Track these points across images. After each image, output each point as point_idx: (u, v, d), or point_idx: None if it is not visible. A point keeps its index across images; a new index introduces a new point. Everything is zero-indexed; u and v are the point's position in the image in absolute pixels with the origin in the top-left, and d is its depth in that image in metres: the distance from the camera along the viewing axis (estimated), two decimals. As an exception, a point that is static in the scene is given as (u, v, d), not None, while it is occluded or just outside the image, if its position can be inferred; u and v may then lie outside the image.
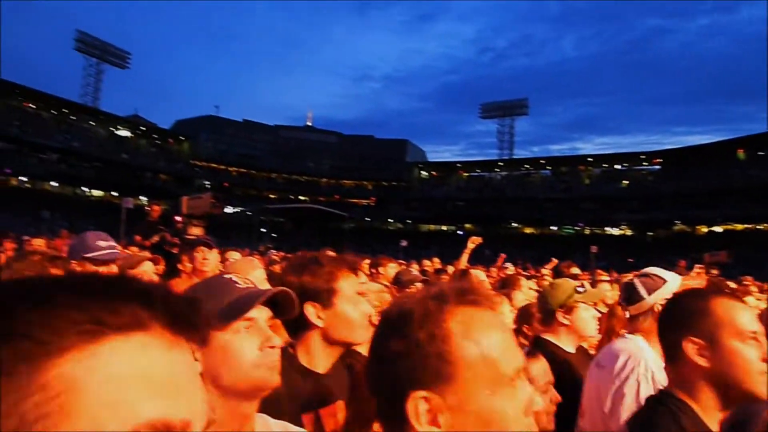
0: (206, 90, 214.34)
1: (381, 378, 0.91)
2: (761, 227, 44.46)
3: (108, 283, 0.43)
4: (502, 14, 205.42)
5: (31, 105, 51.51)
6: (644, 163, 57.44)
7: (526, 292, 4.52)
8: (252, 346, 1.24)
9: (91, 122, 56.40)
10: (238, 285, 1.32)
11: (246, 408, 1.24)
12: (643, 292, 2.34)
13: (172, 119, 77.25)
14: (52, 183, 50.49)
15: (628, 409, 2.03)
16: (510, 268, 10.92)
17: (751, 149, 48.04)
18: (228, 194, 57.84)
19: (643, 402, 1.69)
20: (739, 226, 46.54)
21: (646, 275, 2.41)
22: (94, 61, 58.46)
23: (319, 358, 1.71)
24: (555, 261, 8.44)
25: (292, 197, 64.18)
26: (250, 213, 55.81)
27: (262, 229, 50.86)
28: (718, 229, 47.77)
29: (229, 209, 55.91)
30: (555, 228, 57.64)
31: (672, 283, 2.32)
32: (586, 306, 2.76)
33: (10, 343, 0.36)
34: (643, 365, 2.10)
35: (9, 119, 47.47)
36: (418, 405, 0.84)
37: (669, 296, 1.93)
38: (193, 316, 0.46)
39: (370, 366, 0.94)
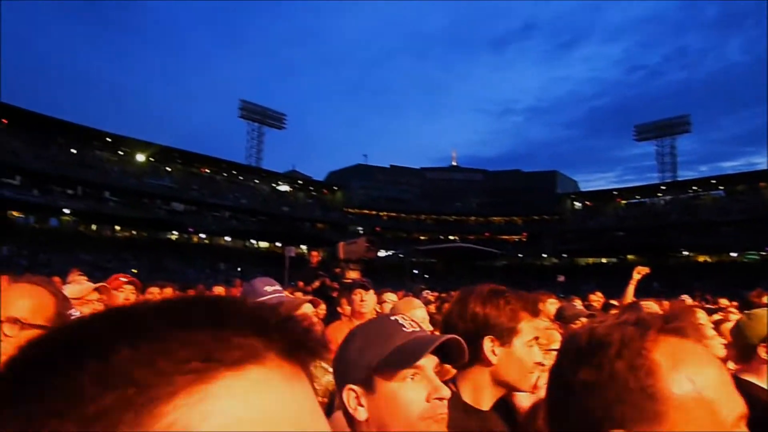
0: (355, 140, 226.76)
1: (567, 411, 0.80)
2: None
3: (214, 309, 0.36)
4: (651, 29, 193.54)
5: (206, 170, 57.74)
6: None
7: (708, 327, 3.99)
8: (420, 396, 1.19)
9: (255, 180, 61.73)
10: (404, 329, 1.27)
11: None
12: None
13: (326, 171, 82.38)
14: (226, 238, 55.73)
15: None
16: (687, 300, 9.79)
17: None
18: (380, 238, 59.65)
19: None
20: None
21: None
22: (256, 125, 64.31)
23: (484, 397, 1.64)
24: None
25: (442, 237, 64.64)
26: (402, 255, 56.99)
27: (414, 271, 51.48)
28: None
29: (381, 252, 57.59)
30: (735, 254, 51.66)
31: None
32: None
33: (112, 391, 0.30)
34: None
35: (190, 184, 53.65)
36: None
37: None
38: (312, 342, 0.40)
39: (553, 396, 0.84)
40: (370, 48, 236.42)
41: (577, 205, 66.37)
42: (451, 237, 64.73)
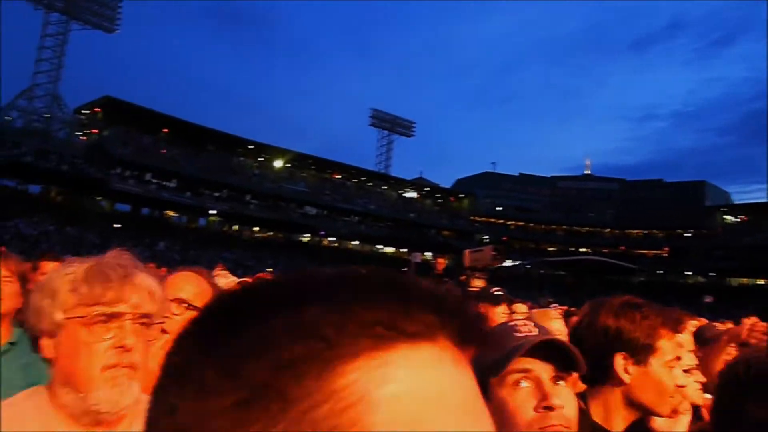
0: (483, 148, 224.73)
1: None
2: None
3: (396, 281, 0.37)
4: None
5: (338, 176, 60.34)
6: None
7: None
8: (527, 404, 1.11)
9: (383, 187, 63.41)
10: (517, 333, 1.20)
11: None
12: None
13: (453, 178, 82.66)
14: (354, 242, 57.77)
15: None
16: None
17: None
18: (506, 247, 58.52)
19: None
20: None
21: None
22: (386, 133, 66.03)
23: (616, 418, 1.50)
24: None
25: (572, 249, 61.96)
26: (529, 266, 55.44)
27: (543, 283, 49.82)
28: None
29: (507, 262, 56.41)
30: None
31: None
32: None
33: (302, 343, 0.32)
34: None
35: (322, 189, 56.43)
36: None
37: None
38: (482, 330, 0.40)
39: (719, 426, 0.79)
40: (501, 54, 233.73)
41: (730, 218, 60.37)
42: (582, 249, 61.88)
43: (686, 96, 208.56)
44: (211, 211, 47.67)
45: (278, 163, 54.96)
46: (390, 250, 60.28)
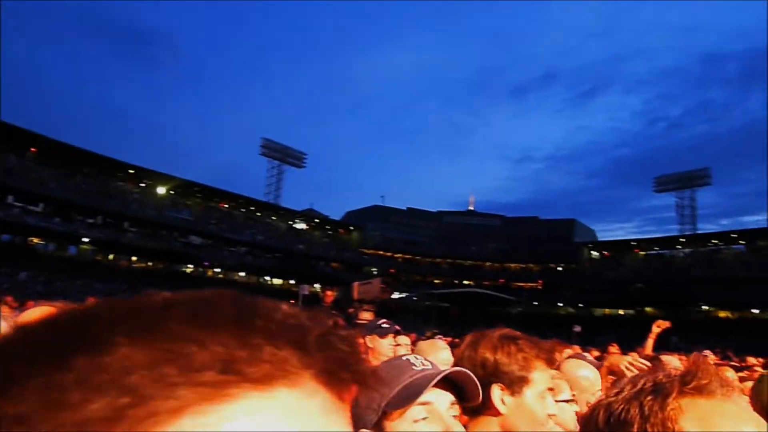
0: (373, 181, 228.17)
1: None
2: None
3: (245, 307, 0.29)
4: (674, 82, 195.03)
5: (225, 205, 58.62)
6: None
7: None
8: None
9: (273, 217, 62.44)
10: (414, 367, 1.19)
11: None
12: None
13: (343, 210, 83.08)
14: (240, 273, 56.04)
15: None
16: (710, 357, 9.63)
17: None
18: (394, 280, 59.56)
19: None
20: None
21: None
22: (276, 163, 65.45)
23: None
24: None
25: (457, 282, 64.29)
26: (415, 298, 56.66)
27: (429, 314, 51.11)
28: None
29: (395, 294, 57.36)
30: (757, 311, 50.53)
31: None
32: None
33: (100, 399, 0.23)
34: None
35: (208, 218, 54.44)
36: None
37: None
38: (359, 366, 0.32)
39: None
40: (394, 91, 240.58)
41: (595, 254, 65.88)
42: (466, 282, 64.37)
43: (559, 141, 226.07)
44: (83, 239, 44.25)
45: (161, 190, 52.38)
46: (278, 281, 59.12)
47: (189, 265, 52.86)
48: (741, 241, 56.53)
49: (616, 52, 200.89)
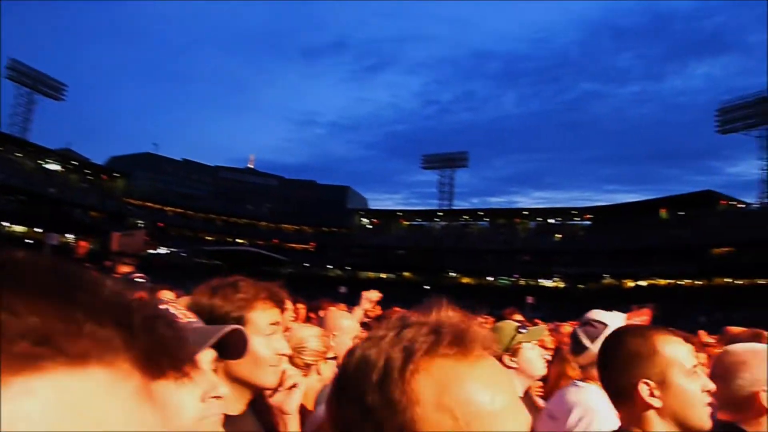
0: (145, 127, 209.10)
1: None
2: (682, 283, 47.78)
3: (74, 283, 0.27)
4: (446, 70, 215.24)
5: (-49, 132, 48.92)
6: (576, 219, 60.99)
7: None
8: (193, 397, 1.04)
9: (17, 153, 53.90)
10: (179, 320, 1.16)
11: None
12: (586, 341, 2.27)
13: (108, 155, 75.04)
14: (-30, 215, 47.57)
15: None
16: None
17: (673, 209, 52.22)
18: (163, 234, 56.27)
19: None
20: (662, 281, 49.75)
21: (587, 323, 2.34)
22: (26, 90, 56.44)
23: (230, 398, 1.40)
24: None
25: (230, 240, 63.25)
26: (184, 254, 54.42)
27: (199, 272, 49.59)
28: (643, 283, 50.87)
29: (163, 250, 54.33)
30: (492, 278, 59.43)
31: (612, 326, 2.16)
32: (531, 345, 2.55)
33: None
34: (596, 422, 1.98)
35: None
36: None
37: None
38: (181, 355, 0.30)
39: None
40: (176, 32, 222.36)
41: (365, 221, 70.40)
42: (239, 240, 63.70)
43: (343, 109, 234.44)
44: None
45: None
46: (21, 228, 51.41)
47: None
48: (486, 219, 65.69)
49: (400, 34, 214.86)
